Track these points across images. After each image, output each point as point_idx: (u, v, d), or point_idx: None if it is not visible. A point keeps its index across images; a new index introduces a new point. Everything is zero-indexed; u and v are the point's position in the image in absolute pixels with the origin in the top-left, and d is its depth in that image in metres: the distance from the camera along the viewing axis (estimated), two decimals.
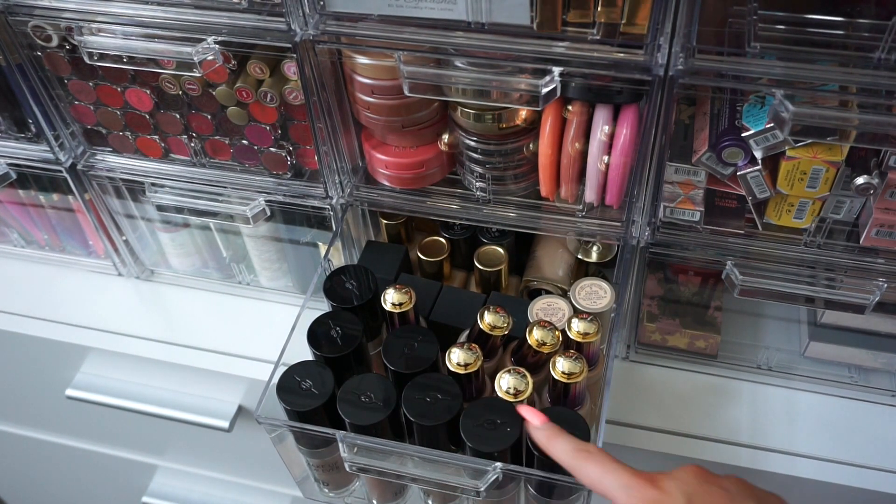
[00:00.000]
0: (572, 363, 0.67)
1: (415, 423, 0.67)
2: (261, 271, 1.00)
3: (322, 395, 0.69)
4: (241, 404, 1.00)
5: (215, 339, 0.98)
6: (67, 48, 0.79)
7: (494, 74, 0.66)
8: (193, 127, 0.84)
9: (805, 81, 0.62)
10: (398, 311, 0.73)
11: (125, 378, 1.03)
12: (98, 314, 1.02)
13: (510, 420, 0.66)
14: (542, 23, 0.63)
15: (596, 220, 0.79)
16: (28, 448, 1.33)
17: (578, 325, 0.70)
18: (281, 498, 1.24)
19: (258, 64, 0.77)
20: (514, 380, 0.68)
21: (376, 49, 0.69)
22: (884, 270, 0.75)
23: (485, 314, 0.70)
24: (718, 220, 0.77)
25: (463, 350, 0.68)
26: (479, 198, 0.81)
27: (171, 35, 0.73)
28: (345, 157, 0.81)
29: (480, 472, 0.66)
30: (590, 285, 0.80)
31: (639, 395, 0.89)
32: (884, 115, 0.60)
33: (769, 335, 0.92)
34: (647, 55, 0.63)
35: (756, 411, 0.87)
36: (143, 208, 0.96)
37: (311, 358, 0.73)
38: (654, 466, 0.85)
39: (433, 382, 0.68)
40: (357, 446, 0.69)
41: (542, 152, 0.72)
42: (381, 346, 0.72)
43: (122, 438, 1.22)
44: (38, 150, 0.90)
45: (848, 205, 0.72)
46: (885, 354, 0.86)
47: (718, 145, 0.69)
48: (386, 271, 0.84)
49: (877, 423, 0.86)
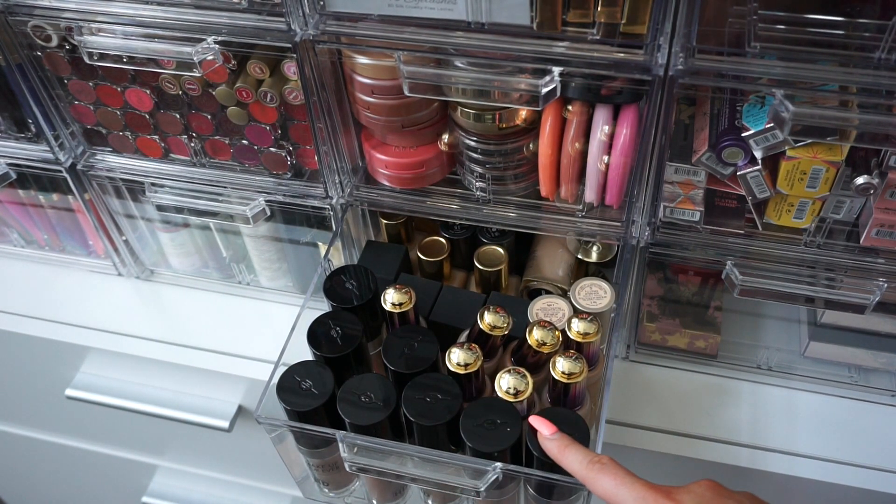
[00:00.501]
0: (572, 363, 0.67)
1: (415, 423, 0.67)
2: (261, 271, 1.00)
3: (322, 395, 0.69)
4: (241, 404, 1.00)
5: (215, 339, 0.98)
6: (67, 48, 0.79)
7: (494, 74, 0.66)
8: (193, 127, 0.84)
9: (805, 81, 0.62)
10: (398, 311, 0.73)
11: (125, 378, 1.03)
12: (98, 314, 1.02)
13: (510, 420, 0.66)
14: (542, 23, 0.63)
15: (596, 220, 0.79)
16: (28, 448, 1.33)
17: (578, 325, 0.70)
18: (281, 498, 1.24)
19: (258, 64, 0.77)
20: (514, 380, 0.68)
21: (376, 49, 0.69)
22: (884, 270, 0.75)
23: (485, 314, 0.70)
24: (718, 220, 0.77)
25: (463, 350, 0.68)
26: (479, 198, 0.81)
27: (171, 35, 0.73)
28: (345, 157, 0.81)
29: (480, 472, 0.66)
30: (590, 285, 0.80)
31: (639, 395, 0.89)
32: (884, 115, 0.60)
33: (769, 335, 0.92)
34: (647, 55, 0.63)
35: (756, 411, 0.87)
36: (143, 208, 0.96)
37: (311, 358, 0.73)
38: (653, 466, 0.85)
39: (433, 382, 0.68)
40: (357, 446, 0.69)
41: (542, 152, 0.72)
42: (381, 346, 0.72)
43: (122, 438, 1.22)
44: (38, 150, 0.90)
45: (848, 205, 0.72)
46: (885, 354, 0.86)
47: (718, 145, 0.69)
48: (386, 271, 0.84)
49: (877, 423, 0.86)
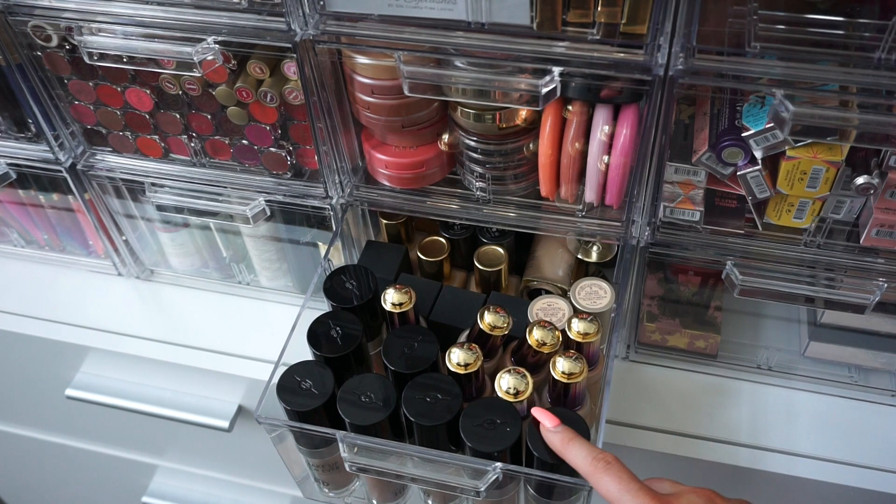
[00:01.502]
0: (572, 363, 0.67)
1: (415, 423, 0.67)
2: (261, 271, 1.00)
3: (322, 395, 0.69)
4: (241, 404, 1.00)
5: (215, 338, 0.98)
6: (67, 48, 0.79)
7: (494, 74, 0.66)
8: (193, 127, 0.84)
9: (805, 81, 0.62)
10: (398, 311, 0.73)
11: (125, 378, 1.03)
12: (98, 314, 1.02)
13: (510, 420, 0.66)
14: (542, 23, 0.63)
15: (596, 220, 0.79)
16: (28, 448, 1.33)
17: (578, 325, 0.70)
18: (281, 498, 1.24)
19: (258, 64, 0.77)
20: (514, 380, 0.68)
21: (376, 49, 0.69)
22: (884, 270, 0.75)
23: (485, 314, 0.70)
24: (718, 220, 0.77)
25: (463, 350, 0.68)
26: (479, 198, 0.81)
27: (171, 35, 0.73)
28: (345, 157, 0.81)
29: (480, 473, 0.66)
30: (590, 285, 0.80)
31: (639, 395, 0.89)
32: (884, 115, 0.60)
33: (769, 335, 0.92)
34: (647, 55, 0.63)
35: (756, 411, 0.87)
36: (143, 208, 0.96)
37: (311, 358, 0.73)
38: (653, 466, 0.85)
39: (433, 382, 0.68)
40: (357, 446, 0.69)
41: (542, 152, 0.72)
42: (381, 345, 0.72)
43: (122, 438, 1.22)
44: (38, 150, 0.90)
45: (848, 205, 0.72)
46: (885, 354, 0.86)
47: (718, 145, 0.69)
48: (386, 271, 0.84)
49: (877, 423, 0.86)
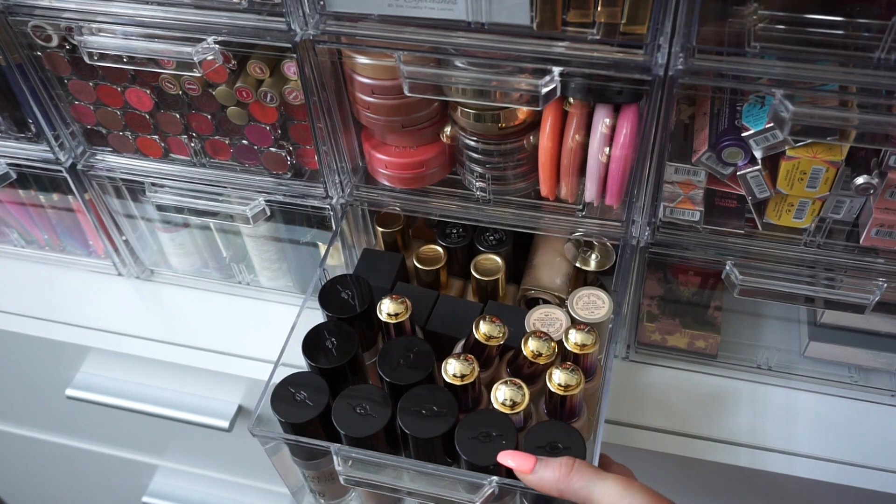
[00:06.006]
0: (569, 375, 0.66)
1: (410, 436, 0.66)
2: (261, 271, 1.00)
3: (317, 407, 0.68)
4: (241, 404, 1.00)
5: (215, 338, 0.98)
6: (67, 48, 0.79)
7: (494, 74, 0.66)
8: (193, 127, 0.84)
9: (805, 81, 0.62)
10: (394, 322, 0.72)
11: (125, 378, 1.03)
12: (98, 314, 1.02)
13: (506, 433, 0.65)
14: (542, 23, 0.63)
15: (596, 219, 0.79)
16: (28, 448, 1.33)
17: (576, 337, 0.69)
18: (281, 498, 1.24)
19: (258, 64, 0.77)
20: (510, 391, 0.66)
21: (376, 49, 0.69)
22: (884, 270, 0.75)
23: (480, 324, 0.70)
24: (718, 220, 0.77)
25: (459, 361, 0.67)
26: (479, 198, 0.81)
27: (171, 35, 0.73)
28: (345, 157, 0.81)
29: (476, 486, 0.65)
30: (588, 295, 0.78)
31: (638, 395, 0.89)
32: (884, 115, 0.60)
33: (769, 335, 0.92)
34: (647, 55, 0.63)
35: (756, 411, 0.87)
36: (143, 208, 0.96)
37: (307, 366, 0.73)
38: (653, 466, 0.85)
39: (429, 394, 0.67)
40: (352, 459, 0.67)
41: (542, 147, 0.72)
42: (376, 356, 0.71)
43: (122, 438, 1.22)
44: (38, 150, 0.90)
45: (848, 205, 0.72)
46: (885, 354, 0.86)
47: (718, 145, 0.69)
48: (383, 279, 0.83)
49: (877, 423, 0.86)
